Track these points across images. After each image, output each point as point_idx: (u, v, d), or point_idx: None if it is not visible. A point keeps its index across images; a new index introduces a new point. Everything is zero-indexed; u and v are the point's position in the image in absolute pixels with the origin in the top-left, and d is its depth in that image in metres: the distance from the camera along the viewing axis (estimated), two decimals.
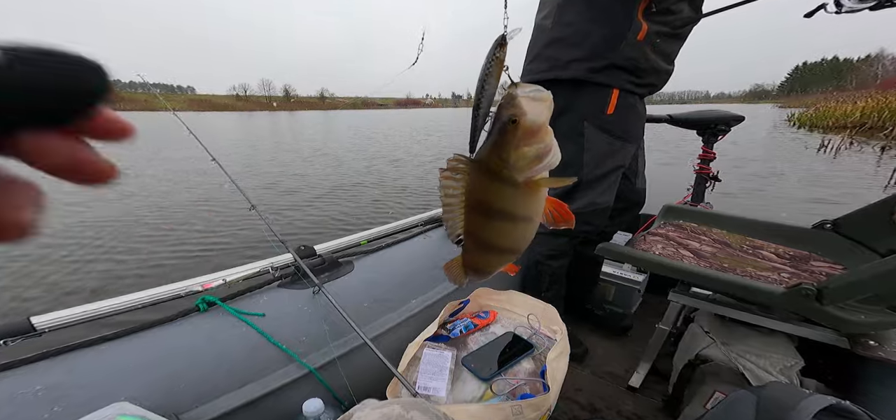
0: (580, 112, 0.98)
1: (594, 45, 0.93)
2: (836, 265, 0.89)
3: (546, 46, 1.00)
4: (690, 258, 0.93)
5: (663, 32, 0.93)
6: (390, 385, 0.74)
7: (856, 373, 0.78)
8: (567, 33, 0.96)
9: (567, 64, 0.96)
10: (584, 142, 0.99)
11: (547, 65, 1.00)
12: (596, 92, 0.96)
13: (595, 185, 1.03)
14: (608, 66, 0.93)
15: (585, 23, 0.93)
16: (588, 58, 0.94)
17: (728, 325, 0.89)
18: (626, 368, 1.12)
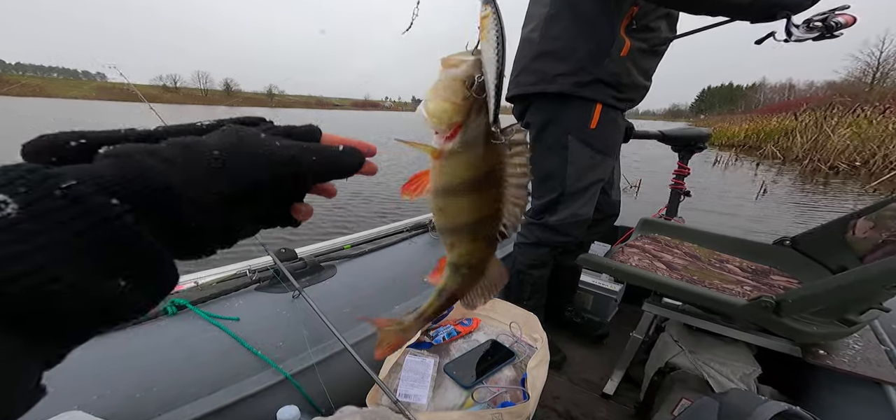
0: (564, 125, 1.01)
1: (580, 59, 0.95)
2: (793, 279, 0.96)
3: (534, 60, 1.02)
4: (664, 270, 0.98)
5: (643, 49, 0.97)
6: (371, 392, 0.73)
7: (807, 380, 0.84)
8: (554, 47, 0.98)
9: (553, 78, 0.98)
10: (568, 155, 1.02)
11: (534, 78, 1.02)
12: (581, 106, 0.99)
13: (577, 198, 1.06)
14: (594, 80, 0.96)
15: (572, 37, 0.96)
16: (574, 72, 0.96)
17: (695, 335, 0.94)
18: (602, 376, 1.16)
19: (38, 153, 0.15)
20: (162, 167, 0.15)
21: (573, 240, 1.12)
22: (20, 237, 0.12)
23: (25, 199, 0.12)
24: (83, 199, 0.13)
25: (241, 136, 0.18)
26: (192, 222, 0.16)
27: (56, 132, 0.16)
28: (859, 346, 0.82)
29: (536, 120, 1.06)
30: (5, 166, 0.13)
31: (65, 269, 0.12)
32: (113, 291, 0.14)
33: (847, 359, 0.80)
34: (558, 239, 1.09)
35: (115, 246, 0.14)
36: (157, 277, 0.15)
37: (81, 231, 0.13)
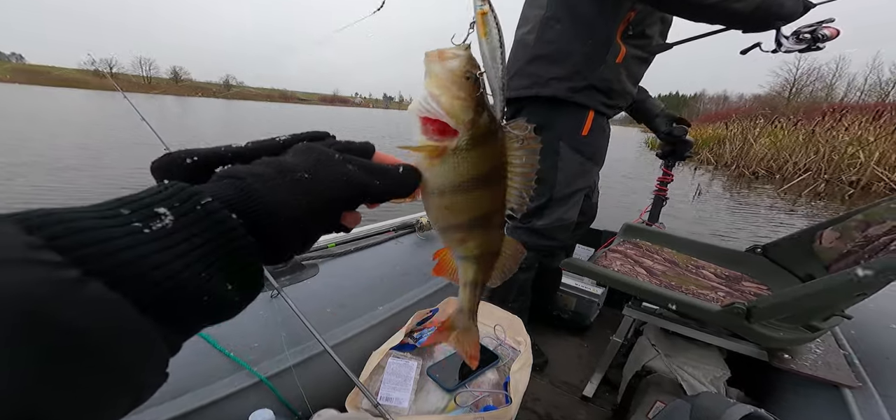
0: (557, 131, 1.01)
1: (575, 64, 0.95)
2: (763, 286, 1.01)
3: (528, 63, 1.01)
4: (644, 275, 1.01)
5: (637, 56, 0.98)
6: (350, 395, 0.71)
7: (772, 383, 0.88)
8: (549, 51, 0.98)
9: (547, 81, 0.98)
10: (559, 161, 1.02)
11: (528, 81, 1.01)
12: (574, 112, 1.00)
13: (564, 202, 1.07)
14: (587, 86, 0.96)
15: (568, 41, 0.96)
16: (568, 77, 0.96)
17: (671, 338, 0.97)
18: (581, 378, 1.18)
19: (163, 169, 0.19)
20: (266, 189, 0.18)
21: (558, 243, 1.13)
22: (175, 242, 0.15)
23: (178, 211, 0.15)
24: (215, 213, 0.16)
25: (319, 157, 0.21)
26: (283, 235, 0.19)
27: (176, 150, 0.20)
28: (820, 351, 0.87)
29: (528, 124, 1.06)
30: (163, 185, 0.16)
31: (201, 269, 0.15)
32: (224, 292, 0.16)
33: (809, 363, 0.84)
34: (544, 242, 1.11)
35: (232, 254, 0.16)
36: (254, 284, 0.18)
37: (212, 239, 0.16)
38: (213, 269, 0.16)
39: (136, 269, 0.13)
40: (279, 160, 0.20)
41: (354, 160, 0.22)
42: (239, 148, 0.21)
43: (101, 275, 0.12)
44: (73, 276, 0.12)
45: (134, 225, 0.14)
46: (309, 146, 0.22)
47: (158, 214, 0.15)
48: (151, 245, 0.14)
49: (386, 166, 0.23)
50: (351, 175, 0.21)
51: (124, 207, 0.15)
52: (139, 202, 0.15)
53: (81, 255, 0.12)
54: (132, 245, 0.14)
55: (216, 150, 0.21)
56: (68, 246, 0.12)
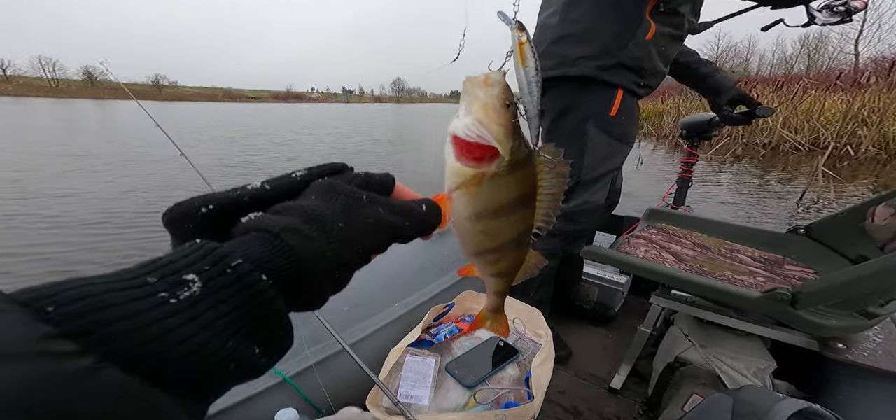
0: (584, 112, 0.98)
1: (604, 42, 0.92)
2: (808, 269, 0.93)
3: (553, 43, 0.99)
4: (672, 261, 0.95)
5: (667, 34, 0.94)
6: (371, 393, 0.71)
7: (825, 375, 0.81)
8: (575, 30, 0.95)
9: (575, 60, 0.95)
10: (586, 142, 0.99)
11: (554, 61, 0.98)
12: (602, 92, 0.96)
13: (591, 185, 1.04)
14: (616, 64, 0.93)
15: (594, 20, 0.93)
16: (597, 55, 0.93)
17: (706, 328, 0.91)
18: (608, 370, 1.14)
19: (177, 221, 0.18)
20: (301, 243, 0.17)
21: (584, 228, 1.09)
22: (201, 311, 0.14)
23: (207, 276, 0.14)
24: (245, 275, 0.15)
25: (347, 201, 0.20)
26: (317, 289, 0.18)
27: (189, 199, 0.19)
28: (880, 339, 0.79)
29: (554, 106, 1.02)
30: (191, 246, 0.15)
31: (227, 338, 0.14)
32: (251, 356, 0.15)
33: (867, 352, 0.76)
34: (570, 228, 1.07)
35: (260, 319, 0.16)
36: (282, 346, 0.17)
37: (241, 305, 0.15)
38: (240, 335, 0.15)
39: (158, 346, 0.13)
40: (308, 208, 0.19)
41: (382, 201, 0.21)
42: (256, 190, 0.20)
43: (119, 356, 0.12)
44: (87, 364, 0.11)
45: (160, 295, 0.13)
46: (331, 185, 0.20)
47: (186, 282, 0.14)
48: (177, 317, 0.13)
49: (411, 205, 0.23)
50: (382, 219, 0.21)
51: (151, 274, 0.14)
52: (167, 268, 0.14)
53: (99, 336, 0.12)
54: (157, 319, 0.13)
55: (232, 196, 0.19)
56: (84, 328, 0.12)
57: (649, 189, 4.17)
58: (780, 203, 3.93)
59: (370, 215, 0.20)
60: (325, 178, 0.21)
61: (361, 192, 0.21)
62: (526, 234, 0.27)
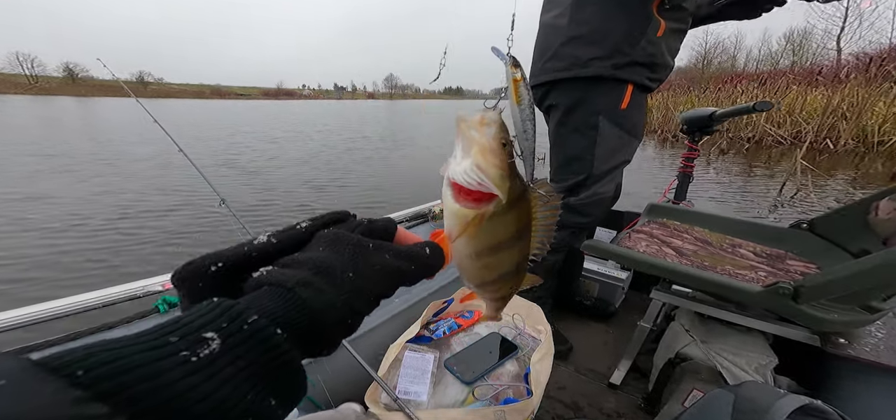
0: (595, 106, 0.99)
1: (616, 42, 0.93)
2: (811, 264, 0.92)
3: (563, 45, 0.99)
4: (673, 256, 0.94)
5: (675, 29, 0.95)
6: (370, 389, 0.71)
7: (827, 370, 0.80)
8: (584, 31, 0.96)
9: (587, 62, 0.96)
10: (597, 136, 1.00)
11: (566, 63, 0.99)
12: (613, 87, 0.97)
13: (601, 178, 1.04)
14: (630, 62, 0.94)
15: (603, 21, 0.94)
16: (610, 55, 0.94)
17: (707, 323, 0.90)
18: (608, 366, 1.13)
19: (187, 279, 0.19)
20: (313, 296, 0.18)
21: (592, 220, 1.10)
22: (221, 367, 0.14)
23: (225, 333, 0.15)
24: (260, 331, 0.16)
25: (355, 251, 0.20)
26: (329, 337, 0.19)
27: (200, 258, 0.19)
28: (882, 334, 0.78)
29: (564, 101, 1.03)
30: (209, 305, 0.16)
31: (246, 392, 0.15)
32: (267, 408, 0.16)
33: (869, 347, 0.76)
34: (579, 220, 1.08)
35: (276, 371, 0.16)
36: (296, 395, 0.18)
37: (257, 359, 0.15)
38: (257, 388, 0.15)
39: (182, 402, 0.13)
40: (317, 260, 0.19)
41: (388, 247, 0.22)
42: (263, 245, 0.21)
43: (148, 415, 0.12)
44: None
45: (182, 354, 0.14)
46: (338, 236, 0.21)
47: (206, 339, 0.15)
48: (198, 375, 0.14)
49: (415, 249, 0.23)
50: (388, 265, 0.21)
51: (173, 335, 0.14)
52: (188, 327, 0.15)
53: (127, 397, 0.12)
54: (180, 377, 0.13)
55: (241, 252, 0.20)
56: (114, 390, 0.12)
57: (641, 186, 4.19)
58: (762, 195, 4.01)
59: (377, 263, 0.21)
60: (330, 229, 0.22)
61: (367, 240, 0.22)
62: (524, 262, 0.28)
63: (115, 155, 6.44)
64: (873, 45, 16.07)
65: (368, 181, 4.84)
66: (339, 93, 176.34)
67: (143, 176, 4.82)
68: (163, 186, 4.22)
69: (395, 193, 4.38)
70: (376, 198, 4.30)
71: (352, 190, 4.54)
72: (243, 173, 5.28)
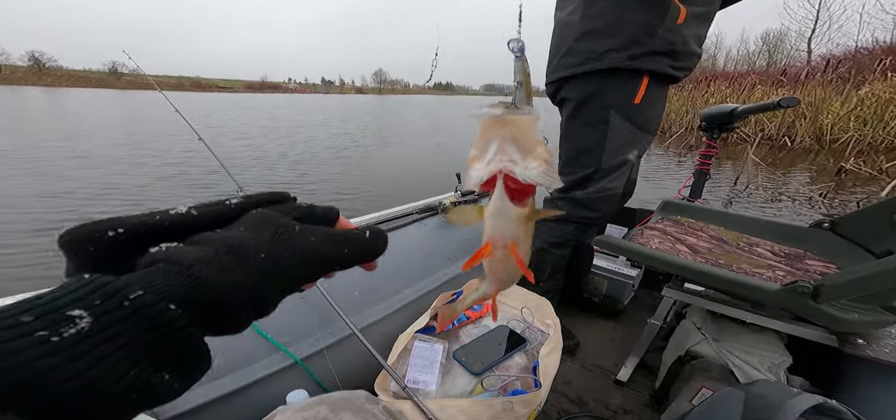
0: (607, 100, 0.97)
1: (632, 32, 0.90)
2: (831, 264, 0.89)
3: (577, 40, 0.97)
4: (686, 253, 0.92)
5: (699, 14, 0.92)
6: (379, 377, 0.72)
7: (843, 371, 0.78)
8: (598, 25, 0.94)
9: (602, 55, 0.94)
10: (608, 130, 0.98)
11: (581, 58, 0.97)
12: (627, 80, 0.95)
13: (610, 173, 1.02)
14: (648, 52, 0.91)
15: (618, 12, 0.91)
16: (626, 46, 0.92)
17: (719, 322, 0.89)
18: (615, 362, 1.13)
19: (75, 243, 0.17)
20: (212, 274, 0.16)
21: (600, 215, 1.08)
22: (92, 346, 0.13)
23: (99, 311, 0.14)
24: (146, 307, 0.15)
25: (277, 231, 0.19)
26: (235, 318, 0.17)
27: (93, 222, 0.17)
28: None
29: (576, 94, 1.01)
30: (77, 281, 0.14)
31: (126, 369, 0.14)
32: (158, 383, 0.15)
33: (889, 349, 0.73)
34: (585, 214, 1.06)
35: (168, 346, 0.15)
36: (197, 368, 0.17)
37: (141, 335, 0.14)
38: (143, 364, 0.14)
39: (40, 383, 0.12)
40: (228, 238, 0.18)
41: (317, 231, 0.20)
42: (180, 216, 0.18)
43: (3, 395, 0.11)
44: None
45: (38, 334, 0.12)
46: (264, 215, 0.20)
47: (71, 318, 0.13)
48: (60, 355, 0.12)
49: (351, 233, 0.22)
50: (312, 249, 0.20)
51: (27, 314, 0.13)
52: (47, 306, 0.13)
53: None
54: (32, 359, 0.12)
55: (148, 221, 0.18)
56: None
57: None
58: (724, 185, 4.29)
59: (299, 246, 0.19)
60: (260, 209, 0.20)
61: (294, 222, 0.20)
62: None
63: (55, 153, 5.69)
64: (840, 47, 16.53)
65: (351, 180, 4.51)
66: (327, 87, 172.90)
67: (86, 177, 4.31)
68: (120, 186, 3.88)
69: (376, 192, 4.01)
70: (355, 197, 3.96)
71: (325, 191, 4.21)
72: (187, 181, 4.53)
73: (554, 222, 1.09)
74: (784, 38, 20.52)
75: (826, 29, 18.10)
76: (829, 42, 18.23)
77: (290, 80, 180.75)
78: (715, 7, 0.95)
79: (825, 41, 18.33)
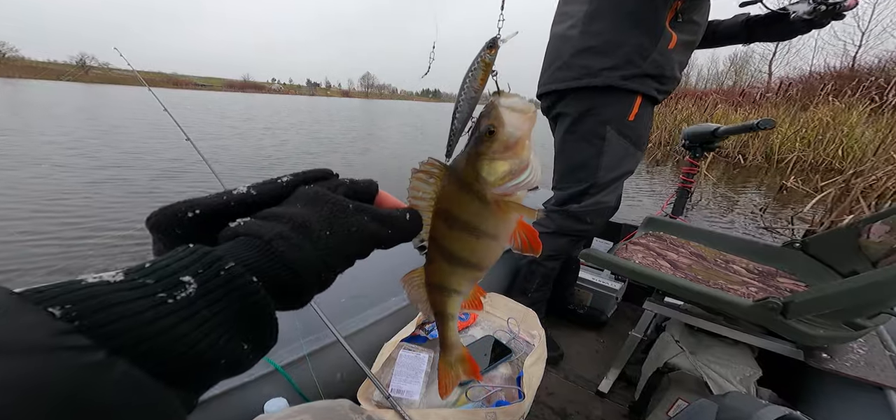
0: (604, 116, 1.00)
1: (627, 53, 0.95)
2: (800, 283, 0.94)
3: (575, 55, 1.00)
4: (668, 268, 0.96)
5: (686, 42, 0.97)
6: (362, 386, 0.71)
7: (807, 383, 0.82)
8: (597, 43, 0.97)
9: (598, 72, 0.97)
10: (604, 145, 1.01)
11: (577, 73, 1.00)
12: (622, 98, 0.99)
13: (605, 188, 1.05)
14: (640, 74, 0.96)
15: (616, 33, 0.95)
16: (620, 66, 0.96)
17: (696, 335, 0.92)
18: (598, 374, 1.15)
19: (162, 224, 0.19)
20: (288, 249, 0.18)
21: (593, 229, 1.11)
22: (197, 310, 0.15)
23: (202, 278, 0.15)
24: (237, 277, 0.16)
25: (333, 210, 0.21)
26: (304, 290, 0.19)
27: (176, 203, 0.19)
28: (863, 351, 0.80)
29: (572, 109, 1.04)
30: (185, 250, 0.16)
31: (220, 335, 0.15)
32: (240, 352, 0.16)
33: (850, 363, 0.78)
34: (579, 227, 1.09)
35: (252, 315, 0.17)
36: (268, 341, 0.18)
37: (233, 304, 0.16)
38: (231, 333, 0.16)
39: (161, 342, 0.14)
40: (296, 215, 0.19)
41: (367, 209, 0.22)
42: (242, 195, 0.21)
43: (127, 352, 0.13)
44: (100, 358, 0.12)
45: (159, 295, 0.14)
46: (318, 194, 0.21)
47: (183, 283, 0.15)
48: (175, 316, 0.14)
49: (394, 213, 0.23)
50: (366, 228, 0.21)
51: (149, 277, 0.15)
52: (164, 270, 0.15)
53: (107, 332, 0.13)
54: (157, 318, 0.14)
55: (218, 201, 0.20)
56: (94, 325, 0.12)
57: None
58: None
59: (354, 224, 0.21)
60: (310, 186, 0.22)
61: (347, 201, 0.22)
62: (446, 244, 0.27)
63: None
64: (797, 70, 18.05)
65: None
66: (312, 89, 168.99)
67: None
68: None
69: None
70: None
71: None
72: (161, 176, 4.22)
73: (549, 235, 1.11)
74: (749, 60, 22.11)
75: (785, 53, 19.58)
76: (787, 65, 19.67)
77: (274, 80, 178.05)
78: (699, 37, 1.01)
79: (784, 64, 19.81)
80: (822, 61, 19.22)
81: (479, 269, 0.27)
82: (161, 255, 0.16)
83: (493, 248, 0.26)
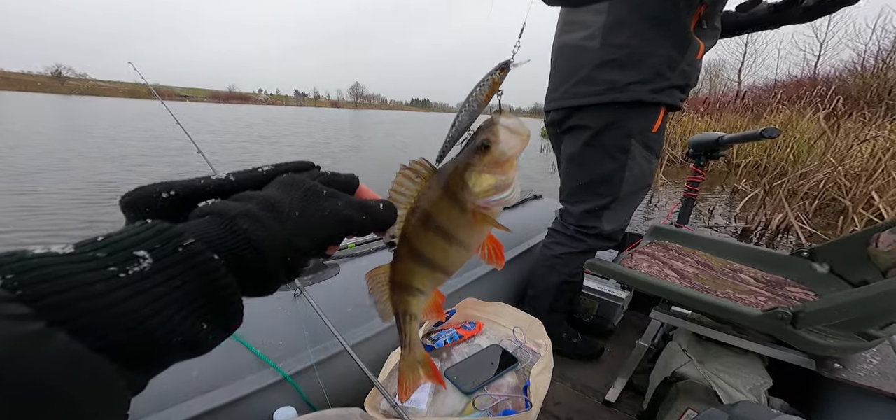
0: (628, 129, 0.96)
1: (656, 65, 0.91)
2: (810, 292, 0.93)
3: (597, 68, 0.95)
4: (674, 277, 0.95)
5: (709, 48, 0.96)
6: (370, 395, 0.72)
7: (820, 393, 0.81)
8: (621, 55, 0.92)
9: (625, 86, 0.93)
10: (628, 159, 0.98)
11: (603, 87, 0.95)
12: (647, 110, 0.96)
13: (628, 202, 1.03)
14: (669, 86, 0.93)
15: (641, 44, 0.91)
16: (650, 79, 0.92)
17: (704, 344, 0.91)
18: (604, 383, 1.14)
19: (135, 203, 0.18)
20: (253, 227, 0.18)
21: (613, 245, 1.12)
22: (151, 285, 0.14)
23: (158, 254, 0.15)
24: (197, 254, 0.16)
25: (306, 193, 0.21)
26: (270, 272, 0.19)
27: (149, 184, 0.19)
28: (877, 361, 0.79)
29: (594, 122, 0.99)
30: (142, 225, 0.16)
31: (175, 312, 0.15)
32: (197, 331, 0.16)
33: (863, 373, 0.76)
34: (606, 246, 1.10)
35: (210, 294, 0.16)
36: (232, 321, 0.18)
37: (192, 281, 0.16)
38: (187, 310, 0.15)
39: (105, 316, 0.13)
40: (265, 195, 0.19)
41: (341, 196, 0.22)
42: (220, 180, 0.21)
43: (69, 323, 0.12)
44: (39, 328, 0.12)
45: (109, 269, 0.14)
46: (294, 179, 0.21)
47: (136, 258, 0.14)
48: (126, 290, 0.14)
49: (368, 202, 0.23)
50: (338, 212, 0.21)
51: (101, 250, 0.14)
52: (117, 244, 0.15)
53: (49, 303, 0.12)
54: (105, 291, 0.13)
55: (195, 184, 0.20)
56: (37, 295, 0.12)
57: None
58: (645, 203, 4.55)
59: (326, 208, 0.21)
60: (289, 174, 0.22)
61: (322, 186, 0.22)
62: (417, 243, 0.27)
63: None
64: (762, 79, 18.54)
65: None
66: (300, 99, 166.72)
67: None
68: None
69: None
70: None
71: None
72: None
73: (578, 255, 1.09)
74: (722, 69, 22.68)
75: (752, 62, 20.28)
76: (754, 75, 20.23)
77: (260, 90, 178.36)
78: (716, 41, 1.00)
79: (751, 73, 20.39)
80: (786, 71, 19.36)
81: (445, 273, 0.27)
82: (120, 229, 0.16)
83: (462, 255, 0.27)
